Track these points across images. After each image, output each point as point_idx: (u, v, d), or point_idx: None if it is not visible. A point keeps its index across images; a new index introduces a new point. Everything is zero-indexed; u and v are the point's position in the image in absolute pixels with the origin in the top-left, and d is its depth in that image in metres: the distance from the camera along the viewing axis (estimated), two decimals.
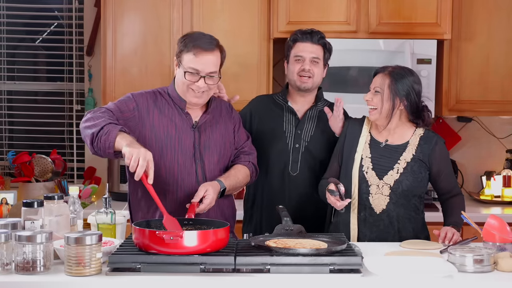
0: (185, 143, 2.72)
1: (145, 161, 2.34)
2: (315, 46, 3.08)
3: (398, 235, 2.79)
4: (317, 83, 3.12)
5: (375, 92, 2.82)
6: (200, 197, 2.58)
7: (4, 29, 4.61)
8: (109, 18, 4.00)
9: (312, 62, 3.07)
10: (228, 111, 2.88)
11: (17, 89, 4.68)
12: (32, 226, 2.33)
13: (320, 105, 3.16)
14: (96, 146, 2.49)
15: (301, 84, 3.08)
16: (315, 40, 3.08)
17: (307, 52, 3.07)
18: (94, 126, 2.51)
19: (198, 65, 2.64)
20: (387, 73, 2.82)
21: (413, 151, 2.83)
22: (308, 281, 2.12)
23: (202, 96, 2.70)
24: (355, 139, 2.89)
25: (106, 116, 2.55)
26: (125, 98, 2.73)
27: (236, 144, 2.86)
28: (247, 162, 2.85)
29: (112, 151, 2.46)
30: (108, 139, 2.44)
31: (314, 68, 3.08)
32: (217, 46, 2.69)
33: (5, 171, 4.59)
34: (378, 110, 2.81)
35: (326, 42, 3.12)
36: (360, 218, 2.83)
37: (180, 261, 2.17)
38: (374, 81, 2.85)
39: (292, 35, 3.15)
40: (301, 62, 3.08)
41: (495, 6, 4.04)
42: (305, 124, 3.12)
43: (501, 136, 4.46)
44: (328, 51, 3.13)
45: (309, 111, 3.15)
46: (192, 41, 2.66)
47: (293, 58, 3.10)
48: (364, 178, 2.81)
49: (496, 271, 2.25)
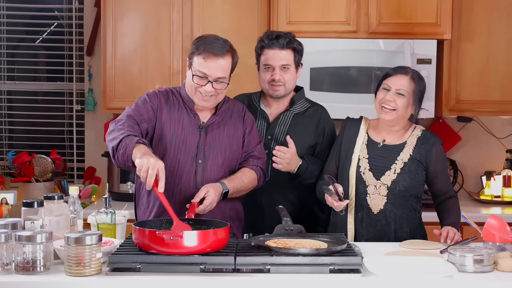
0: (189, 142, 2.72)
1: (155, 170, 2.34)
2: (284, 51, 2.96)
3: (395, 235, 2.79)
4: (290, 89, 3.03)
5: (398, 94, 2.75)
6: (201, 198, 2.58)
7: (4, 29, 4.60)
8: (109, 18, 4.01)
9: (282, 69, 2.96)
10: (240, 114, 2.85)
11: (17, 89, 4.68)
12: (32, 226, 2.33)
13: (297, 107, 3.06)
14: (117, 160, 2.53)
15: (273, 93, 3.00)
16: (282, 45, 2.95)
17: (275, 60, 2.96)
18: (114, 139, 2.54)
19: (206, 70, 2.63)
20: (411, 77, 2.76)
21: (410, 151, 2.82)
22: (308, 281, 2.12)
23: (209, 100, 2.69)
24: (352, 140, 2.88)
25: (125, 128, 2.57)
26: (141, 100, 2.75)
27: (246, 147, 2.83)
28: (255, 166, 2.82)
29: (131, 163, 2.48)
30: (126, 153, 2.47)
31: (284, 75, 2.97)
32: (228, 51, 2.66)
33: (5, 171, 4.59)
34: (397, 112, 2.76)
35: (295, 45, 2.98)
36: (357, 218, 2.82)
37: (180, 261, 2.17)
38: (396, 82, 2.76)
39: (259, 42, 3.04)
40: (270, 71, 2.98)
41: (495, 6, 4.04)
42: (276, 129, 3.04)
43: (501, 136, 4.46)
44: (298, 53, 3.00)
45: (282, 116, 3.05)
46: (204, 44, 2.65)
47: (262, 66, 3.01)
48: (361, 178, 2.81)
49: (496, 271, 2.26)
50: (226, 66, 2.66)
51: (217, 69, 2.64)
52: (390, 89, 2.77)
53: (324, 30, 3.16)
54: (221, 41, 2.68)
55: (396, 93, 2.76)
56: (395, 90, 2.76)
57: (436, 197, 2.92)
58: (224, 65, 2.65)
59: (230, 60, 2.67)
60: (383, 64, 3.85)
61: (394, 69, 2.83)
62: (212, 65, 2.63)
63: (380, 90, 2.81)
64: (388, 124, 2.83)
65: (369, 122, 2.91)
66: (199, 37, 2.73)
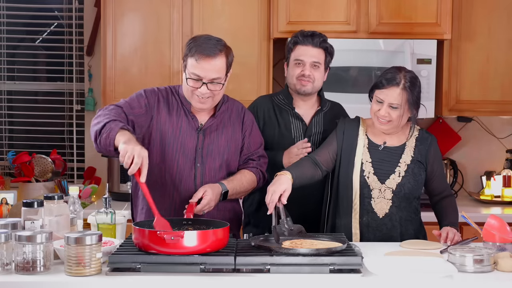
0: (187, 145, 2.70)
1: (140, 158, 2.32)
2: (316, 49, 3.00)
3: (401, 238, 2.77)
4: (317, 87, 3.05)
5: (391, 108, 2.72)
6: (198, 198, 2.57)
7: (4, 29, 4.60)
8: (109, 18, 4.00)
9: (312, 66, 3.00)
10: (239, 115, 2.82)
11: (17, 89, 4.68)
12: (32, 226, 2.33)
13: (324, 109, 3.11)
14: (99, 143, 2.48)
15: (300, 88, 3.02)
16: (316, 43, 2.99)
17: (307, 56, 2.99)
18: (98, 123, 2.50)
19: (200, 71, 2.59)
20: (403, 87, 2.70)
21: (411, 152, 2.82)
22: (308, 281, 2.12)
23: (206, 102, 2.65)
24: (353, 142, 2.84)
25: (112, 114, 2.54)
26: (137, 94, 2.72)
27: (246, 150, 2.81)
28: (255, 169, 2.81)
29: (112, 148, 2.44)
30: (109, 137, 2.43)
31: (314, 72, 3.00)
32: (221, 50, 2.61)
33: (5, 171, 4.59)
34: (393, 122, 2.74)
35: (328, 45, 3.04)
36: (363, 223, 2.80)
37: (180, 261, 2.16)
38: (388, 95, 2.70)
39: (293, 37, 3.07)
40: (301, 67, 3.00)
41: (495, 6, 4.04)
42: (313, 130, 3.07)
43: (501, 136, 4.46)
44: (329, 55, 3.05)
45: (315, 117, 3.09)
46: (196, 45, 2.60)
47: (293, 61, 3.03)
48: (365, 183, 2.78)
49: (496, 271, 2.26)
50: (220, 66, 2.60)
51: (211, 70, 2.58)
52: (383, 102, 2.72)
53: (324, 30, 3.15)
54: (214, 40, 2.63)
55: (389, 106, 2.72)
56: (388, 104, 2.72)
57: (433, 196, 2.91)
58: (218, 65, 2.60)
59: (224, 59, 2.61)
60: (383, 64, 3.84)
61: (386, 79, 2.72)
62: (205, 66, 2.58)
63: (373, 101, 2.77)
64: (385, 132, 2.83)
65: (366, 122, 2.89)
66: (192, 38, 2.68)
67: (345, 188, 2.80)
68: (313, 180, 2.81)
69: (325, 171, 2.85)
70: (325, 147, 2.87)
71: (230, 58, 2.66)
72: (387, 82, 2.71)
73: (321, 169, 2.82)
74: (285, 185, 2.60)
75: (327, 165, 2.84)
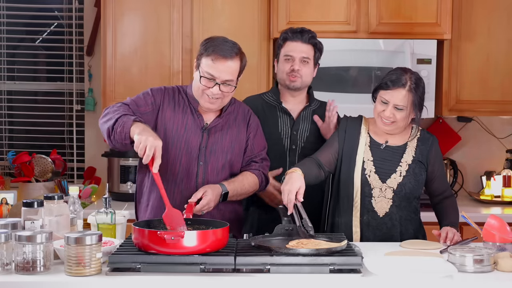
0: (191, 144, 2.71)
1: (152, 149, 2.34)
2: (305, 45, 3.06)
3: (400, 238, 2.77)
4: (306, 82, 3.10)
5: (396, 109, 2.71)
6: (198, 198, 2.57)
7: (4, 29, 4.60)
8: (109, 18, 4.00)
9: (301, 61, 3.05)
10: (245, 118, 2.84)
11: (17, 89, 4.68)
12: (32, 226, 2.33)
13: (313, 105, 3.15)
14: (114, 139, 2.51)
15: (290, 83, 3.07)
16: (305, 39, 3.05)
17: (297, 52, 3.05)
18: (109, 120, 2.53)
19: (214, 72, 2.61)
20: (408, 88, 2.69)
21: (412, 152, 2.82)
22: (308, 281, 2.12)
23: (215, 102, 2.68)
24: (355, 141, 2.85)
25: (121, 110, 2.57)
26: (144, 93, 2.75)
27: (249, 152, 2.82)
28: (257, 171, 2.81)
29: (128, 141, 2.47)
30: (124, 131, 2.46)
31: (303, 67, 3.06)
32: (237, 54, 2.65)
33: (5, 171, 4.59)
34: (397, 123, 2.75)
35: (317, 42, 3.09)
36: (363, 222, 2.80)
37: (180, 261, 2.17)
38: (393, 96, 2.70)
39: (282, 34, 3.13)
40: (290, 62, 3.06)
41: (495, 6, 4.04)
42: (300, 125, 3.11)
43: (501, 136, 4.46)
44: (318, 51, 3.10)
45: (303, 112, 3.13)
46: (213, 46, 2.63)
47: (283, 57, 3.09)
48: (366, 181, 2.79)
49: (496, 271, 2.26)
50: (234, 69, 2.64)
51: (226, 71, 2.62)
52: (388, 103, 2.72)
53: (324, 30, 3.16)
54: (230, 43, 2.67)
55: (394, 108, 2.72)
56: (393, 105, 2.71)
57: (433, 196, 2.92)
58: (233, 68, 2.64)
59: (238, 63, 2.66)
60: (383, 64, 3.84)
61: (391, 80, 2.71)
62: (221, 67, 2.61)
63: (378, 102, 2.77)
64: (388, 132, 2.83)
65: (369, 121, 2.90)
66: (208, 38, 2.70)
67: (346, 186, 2.81)
68: (317, 180, 2.82)
69: (328, 172, 2.85)
70: (326, 148, 2.87)
71: (243, 62, 2.70)
72: (393, 83, 2.71)
73: (324, 171, 2.82)
74: (298, 182, 2.60)
75: (330, 166, 2.85)
